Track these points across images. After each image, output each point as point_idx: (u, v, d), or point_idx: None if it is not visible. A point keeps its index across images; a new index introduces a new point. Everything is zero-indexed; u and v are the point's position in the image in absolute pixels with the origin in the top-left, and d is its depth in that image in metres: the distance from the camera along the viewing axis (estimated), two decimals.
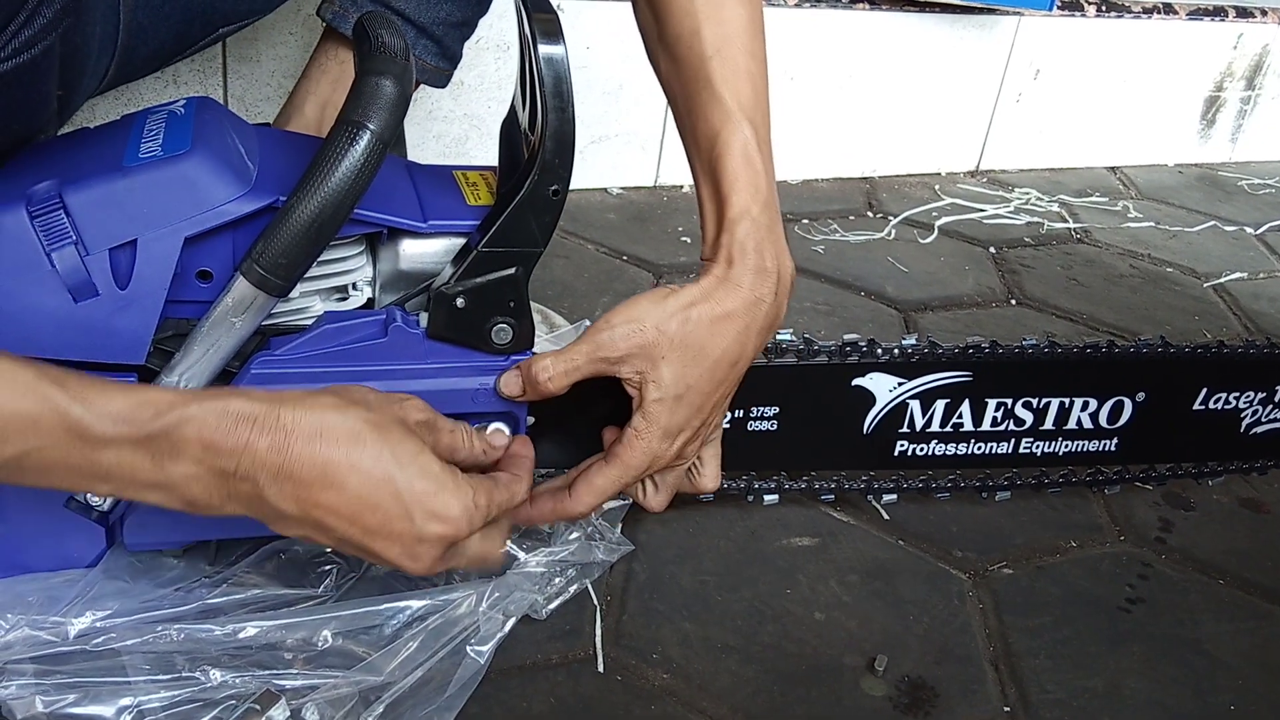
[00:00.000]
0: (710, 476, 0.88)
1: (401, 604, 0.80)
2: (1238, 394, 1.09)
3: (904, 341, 0.99)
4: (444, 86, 1.15)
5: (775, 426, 0.97)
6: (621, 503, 0.95)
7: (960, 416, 1.02)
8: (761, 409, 0.96)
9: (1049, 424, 1.05)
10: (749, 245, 0.76)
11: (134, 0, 0.79)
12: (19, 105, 0.69)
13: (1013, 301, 1.59)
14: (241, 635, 0.76)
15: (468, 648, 0.79)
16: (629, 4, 0.87)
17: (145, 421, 0.61)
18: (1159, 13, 2.10)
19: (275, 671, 0.75)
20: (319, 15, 1.09)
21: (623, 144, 1.72)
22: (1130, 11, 2.07)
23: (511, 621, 0.83)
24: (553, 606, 0.87)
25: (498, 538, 0.73)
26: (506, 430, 0.78)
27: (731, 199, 0.77)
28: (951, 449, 1.04)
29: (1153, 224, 1.96)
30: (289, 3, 1.02)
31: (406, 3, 1.06)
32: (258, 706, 0.72)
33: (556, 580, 0.88)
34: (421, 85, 1.14)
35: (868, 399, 0.99)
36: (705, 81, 0.78)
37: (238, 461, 0.62)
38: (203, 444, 0.61)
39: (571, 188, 0.74)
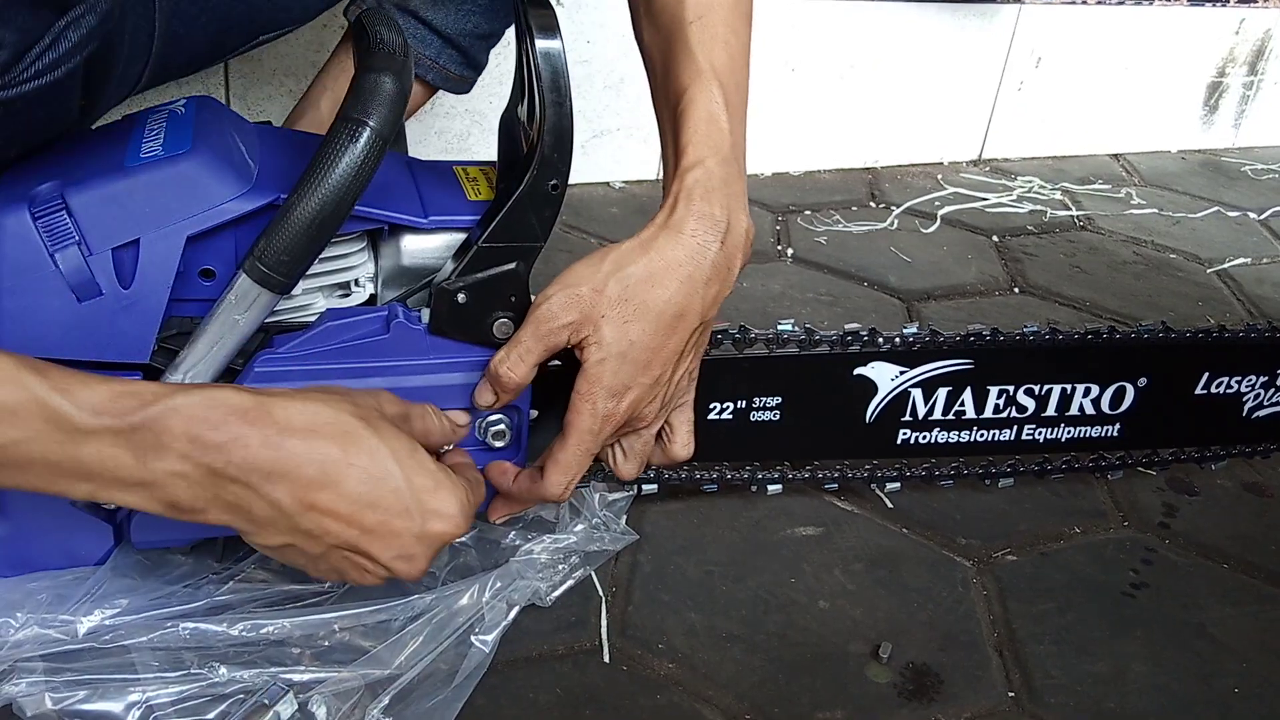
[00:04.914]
0: (682, 444, 0.85)
1: (407, 597, 0.80)
2: (1239, 378, 1.10)
3: (905, 330, 0.99)
4: (466, 93, 1.15)
5: (778, 417, 0.98)
6: (626, 494, 0.96)
7: (962, 404, 1.02)
8: (764, 399, 0.97)
9: (1051, 410, 1.05)
10: (696, 192, 0.74)
11: (170, 10, 0.78)
12: (39, 123, 0.68)
13: (1016, 290, 1.59)
14: (249, 631, 0.76)
15: (473, 638, 0.79)
16: None
17: (128, 412, 0.58)
18: None
19: (283, 666, 0.75)
20: (345, 16, 1.08)
21: (625, 137, 1.72)
22: None
23: (515, 610, 0.84)
24: (557, 594, 0.87)
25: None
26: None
27: (688, 150, 0.75)
28: (954, 437, 1.04)
29: (1156, 210, 1.96)
30: None
31: (435, 14, 1.05)
32: (265, 701, 0.73)
33: (560, 568, 0.88)
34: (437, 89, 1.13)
35: (870, 388, 0.99)
36: (682, 44, 0.78)
37: (228, 458, 0.60)
38: (189, 437, 0.59)
39: (574, 181, 0.74)
